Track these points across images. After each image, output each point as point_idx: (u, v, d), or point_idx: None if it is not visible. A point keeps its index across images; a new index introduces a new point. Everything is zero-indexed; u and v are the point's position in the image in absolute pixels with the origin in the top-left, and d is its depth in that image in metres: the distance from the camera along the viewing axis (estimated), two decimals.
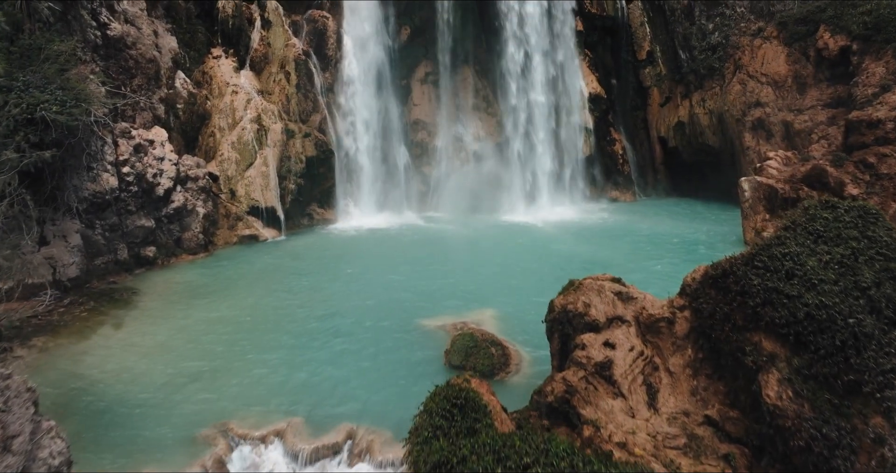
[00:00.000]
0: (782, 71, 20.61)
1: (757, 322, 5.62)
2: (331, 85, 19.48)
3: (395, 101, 20.68)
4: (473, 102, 21.53)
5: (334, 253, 14.70)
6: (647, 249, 14.45)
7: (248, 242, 16.13)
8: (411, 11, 20.89)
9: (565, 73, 21.92)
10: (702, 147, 22.71)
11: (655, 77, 23.86)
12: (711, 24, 22.36)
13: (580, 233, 16.68)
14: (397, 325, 9.87)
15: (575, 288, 7.25)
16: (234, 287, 12.06)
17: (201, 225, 15.00)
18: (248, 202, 16.56)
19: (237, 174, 16.79)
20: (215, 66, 18.44)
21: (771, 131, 20.54)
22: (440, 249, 14.79)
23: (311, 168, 18.10)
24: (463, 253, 14.25)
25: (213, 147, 17.16)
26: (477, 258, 13.72)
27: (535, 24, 21.27)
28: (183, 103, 17.21)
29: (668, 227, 17.55)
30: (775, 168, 15.89)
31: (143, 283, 12.45)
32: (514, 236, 16.23)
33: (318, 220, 18.37)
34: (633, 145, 24.11)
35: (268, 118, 17.64)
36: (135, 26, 16.62)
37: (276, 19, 19.55)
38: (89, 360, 8.67)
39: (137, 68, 16.20)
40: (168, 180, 14.25)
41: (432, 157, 20.92)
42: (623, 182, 23.06)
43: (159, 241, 14.01)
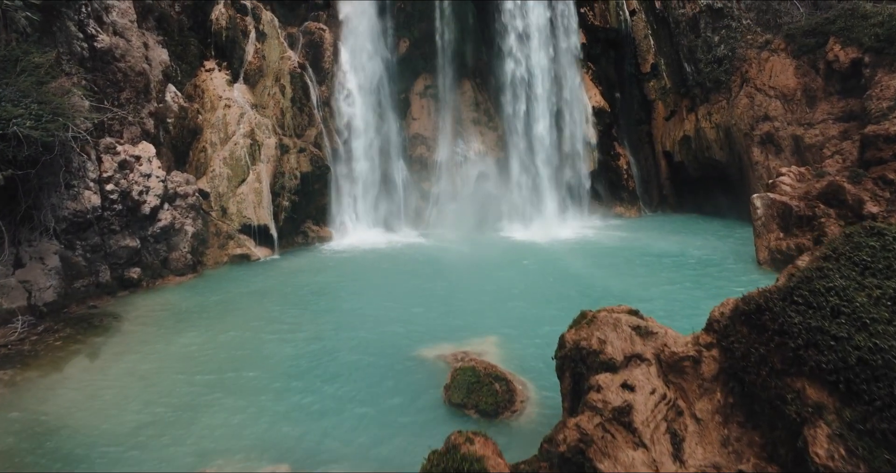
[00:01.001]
0: (791, 84, 20.07)
1: (799, 366, 4.94)
2: (327, 98, 18.92)
3: (393, 115, 20.12)
4: (474, 116, 20.97)
5: (328, 275, 14.00)
6: (657, 270, 13.76)
7: (240, 262, 15.46)
8: (410, 24, 20.40)
9: (568, 87, 21.37)
10: (708, 162, 22.11)
11: (660, 90, 23.32)
12: (717, 36, 21.87)
13: (586, 251, 15.99)
14: (394, 356, 9.16)
15: (588, 321, 6.57)
16: (220, 313, 11.35)
17: (190, 244, 14.33)
18: (239, 220, 15.91)
19: (229, 191, 16.15)
20: (208, 79, 17.89)
21: (780, 146, 19.95)
22: (439, 270, 14.11)
23: (306, 184, 17.48)
24: (463, 274, 13.57)
25: (204, 162, 16.55)
26: (478, 280, 13.03)
27: (537, 37, 20.76)
28: (173, 117, 16.62)
29: (677, 245, 16.88)
30: (789, 184, 15.26)
31: (126, 308, 11.76)
32: (517, 255, 15.55)
33: (313, 238, 17.71)
34: (637, 160, 23.51)
35: (261, 133, 17.05)
36: (124, 38, 16.07)
37: (272, 31, 19.04)
38: (58, 398, 7.95)
39: (126, 81, 15.63)
40: (155, 198, 13.60)
41: (431, 173, 20.31)
42: (628, 197, 22.43)
43: (145, 262, 13.34)
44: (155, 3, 17.63)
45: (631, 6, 22.90)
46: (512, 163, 20.44)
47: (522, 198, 20.23)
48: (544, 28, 20.83)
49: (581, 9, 21.69)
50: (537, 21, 20.71)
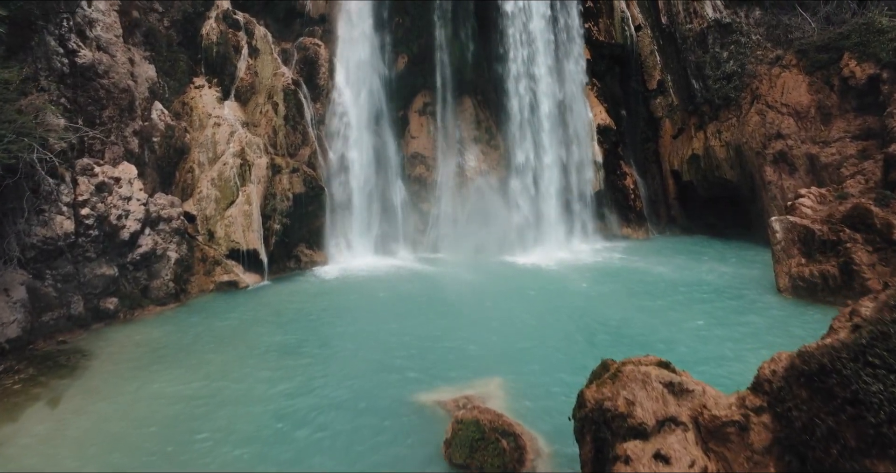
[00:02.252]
0: (804, 101, 19.30)
1: (883, 448, 4.03)
2: (322, 116, 18.13)
3: (391, 134, 19.33)
4: (475, 134, 20.18)
5: (321, 304, 13.08)
6: (674, 301, 12.84)
7: (227, 289, 14.53)
8: (409, 39, 19.69)
9: (572, 104, 20.63)
10: (718, 181, 21.28)
11: (667, 108, 22.58)
12: (726, 52, 21.16)
13: (595, 278, 15.08)
14: (388, 403, 8.21)
15: (611, 375, 5.65)
16: (201, 349, 10.41)
17: (173, 271, 13.42)
18: (227, 244, 15.01)
19: (216, 213, 15.28)
20: (197, 96, 17.10)
21: (794, 165, 19.13)
22: (439, 299, 13.18)
23: (299, 206, 16.61)
24: (465, 304, 12.64)
25: (190, 184, 15.70)
26: (481, 311, 12.11)
27: (541, 51, 20.05)
28: (159, 136, 15.80)
29: (690, 271, 15.98)
30: (809, 206, 14.39)
31: (98, 343, 10.82)
32: (521, 282, 14.63)
33: (306, 263, 16.80)
34: (644, 179, 22.69)
35: (252, 152, 16.23)
36: (108, 54, 15.31)
37: (265, 47, 18.31)
38: (3, 459, 6.99)
39: (109, 99, 14.83)
40: (135, 222, 12.72)
41: (431, 193, 19.45)
42: (635, 218, 21.56)
43: (123, 291, 12.42)
44: (143, 18, 16.91)
45: (636, 21, 22.24)
46: (514, 182, 19.60)
47: (526, 219, 19.35)
48: (548, 43, 20.13)
49: (585, 24, 21.02)
50: (541, 36, 20.02)
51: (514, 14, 19.89)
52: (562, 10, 20.73)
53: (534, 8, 19.94)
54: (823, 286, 13.12)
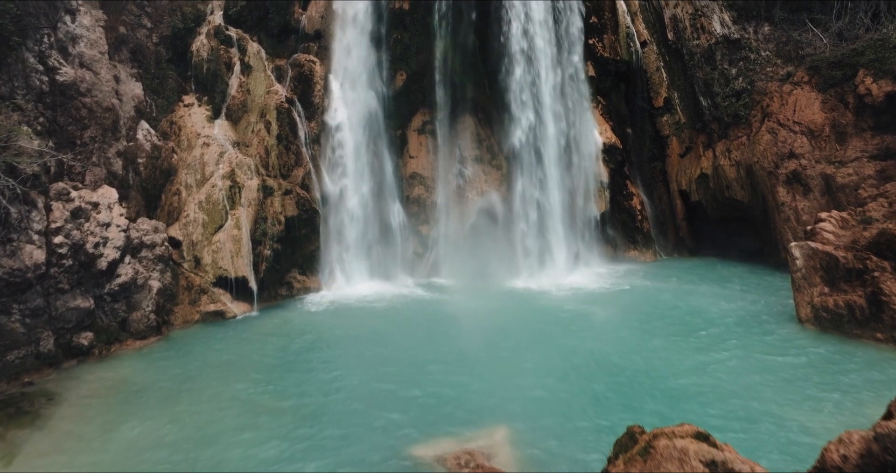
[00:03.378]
0: (818, 119, 18.58)
1: None
2: (317, 135, 17.39)
3: (388, 153, 18.58)
4: (476, 154, 19.43)
5: (312, 338, 12.21)
6: (689, 335, 11.98)
7: (213, 320, 13.68)
8: (407, 56, 19.02)
9: (577, 122, 19.91)
10: (728, 202, 20.50)
11: (674, 125, 21.86)
12: (734, 68, 20.49)
13: (604, 306, 14.23)
14: (382, 459, 7.33)
15: (641, 451, 4.80)
16: (178, 392, 9.54)
17: (154, 302, 12.57)
18: (214, 271, 14.19)
19: (204, 239, 14.47)
20: (186, 115, 16.39)
21: (808, 185, 18.36)
22: (438, 331, 12.31)
23: (292, 230, 15.81)
24: (466, 339, 11.77)
25: (177, 207, 14.91)
26: (484, 347, 11.24)
27: (544, 68, 19.36)
28: (145, 157, 15.05)
29: (704, 298, 15.14)
30: (831, 232, 13.58)
31: (68, 384, 9.95)
32: (527, 312, 13.78)
33: (299, 289, 15.97)
34: (651, 199, 21.92)
35: (243, 173, 15.46)
36: (91, 71, 14.61)
37: (258, 64, 17.63)
38: None
39: (91, 118, 14.10)
40: (114, 250, 11.90)
41: (430, 215, 18.66)
42: (642, 240, 20.75)
43: (99, 325, 11.57)
44: (130, 34, 16.25)
45: (642, 37, 21.61)
46: (517, 203, 18.80)
47: (529, 241, 18.53)
48: (551, 60, 19.45)
49: (590, 40, 20.37)
50: (543, 52, 19.34)
51: (516, 30, 19.24)
52: (565, 25, 20.09)
53: (536, 24, 19.29)
54: (850, 318, 12.28)
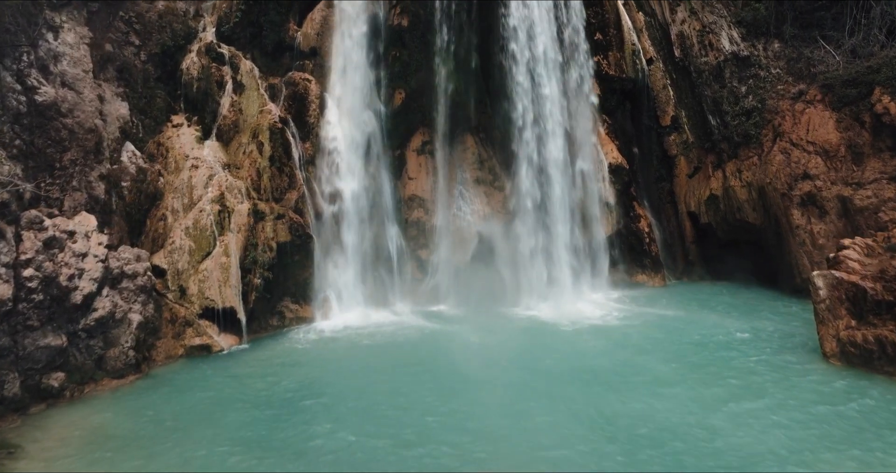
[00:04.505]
0: (832, 139, 17.89)
1: None
2: (311, 157, 16.65)
3: (386, 175, 17.83)
4: (478, 175, 18.69)
5: (303, 378, 11.32)
6: (709, 372, 11.13)
7: (199, 355, 12.82)
8: (407, 74, 18.34)
9: (582, 142, 19.21)
10: (739, 224, 19.73)
11: (682, 145, 21.16)
12: (744, 86, 19.83)
13: (615, 339, 13.40)
14: None
15: None
16: (152, 442, 8.66)
17: (134, 337, 11.72)
18: (201, 302, 13.35)
19: (190, 267, 13.65)
20: (174, 135, 15.67)
21: (824, 208, 17.61)
22: (439, 372, 11.38)
23: (284, 256, 15.01)
24: (468, 377, 10.90)
25: (162, 233, 14.13)
26: (487, 388, 10.37)
27: (547, 87, 18.68)
28: (130, 180, 14.29)
29: (720, 329, 14.32)
30: (856, 260, 12.77)
31: (33, 433, 9.07)
32: (532, 347, 12.90)
33: (292, 319, 15.13)
34: (659, 221, 21.16)
35: (233, 197, 14.69)
36: (74, 90, 13.91)
37: (251, 82, 16.96)
38: None
39: (72, 140, 13.36)
40: (90, 282, 11.08)
41: (430, 239, 17.86)
42: (650, 264, 19.94)
43: (72, 364, 10.71)
44: (117, 52, 15.58)
45: (648, 55, 20.99)
46: (521, 227, 18.02)
47: (533, 266, 17.72)
48: (555, 78, 18.79)
49: (594, 58, 19.74)
50: (547, 69, 18.69)
51: (519, 47, 18.60)
52: (569, 43, 19.47)
53: (539, 41, 18.65)
54: (880, 354, 11.43)
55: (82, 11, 15.24)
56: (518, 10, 18.51)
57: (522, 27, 18.52)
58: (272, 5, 17.72)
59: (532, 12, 18.61)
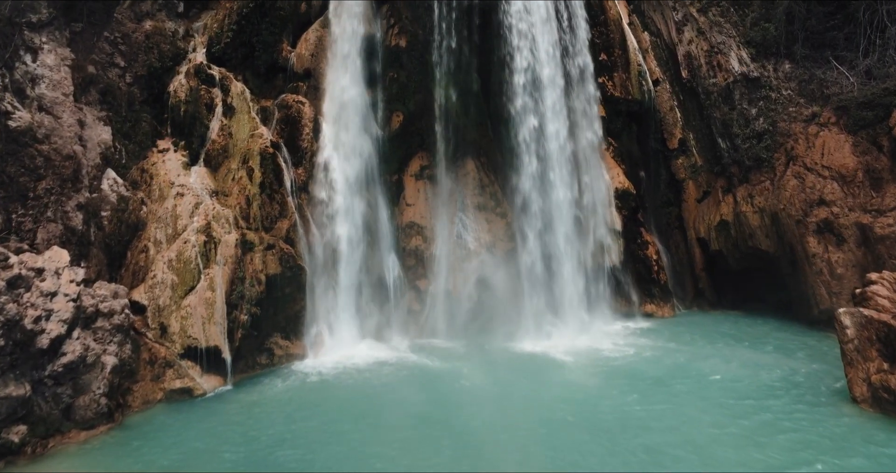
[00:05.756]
0: (849, 163, 17.12)
1: None
2: (304, 183, 15.85)
3: (383, 201, 17.05)
4: (479, 201, 17.88)
5: (290, 426, 10.40)
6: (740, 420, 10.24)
7: (179, 399, 11.90)
8: (405, 96, 17.64)
9: (587, 166, 18.46)
10: (752, 251, 18.88)
11: (690, 168, 20.39)
12: (754, 108, 19.11)
13: (627, 379, 12.50)
14: None
15: None
16: None
17: (107, 382, 10.81)
18: (183, 341, 12.45)
19: (172, 303, 12.78)
20: (159, 161, 14.90)
21: (842, 236, 16.78)
22: (438, 422, 10.45)
23: (274, 289, 14.15)
24: (467, 435, 9.93)
25: (144, 266, 13.27)
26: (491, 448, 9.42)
27: (552, 109, 17.96)
28: (110, 210, 13.48)
29: (737, 365, 13.47)
30: (886, 297, 11.90)
31: None
32: (539, 390, 11.97)
33: (281, 357, 14.23)
34: (667, 248, 20.32)
35: (220, 227, 13.86)
36: (52, 115, 13.15)
37: (242, 105, 16.23)
38: None
39: (48, 168, 12.57)
40: (59, 324, 10.21)
41: (429, 268, 17.01)
42: (659, 293, 19.07)
43: (36, 415, 9.80)
44: (100, 74, 14.86)
45: (654, 75, 20.32)
46: (524, 256, 17.18)
47: (537, 298, 16.85)
48: (559, 99, 18.07)
49: (599, 79, 19.05)
50: (551, 91, 17.97)
51: (521, 67, 17.90)
52: (573, 63, 18.80)
53: (542, 61, 17.97)
54: None
55: (64, 32, 14.55)
56: (520, 29, 17.85)
57: (525, 47, 17.85)
58: (265, 25, 17.05)
59: (535, 31, 17.94)
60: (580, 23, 18.96)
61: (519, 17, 17.96)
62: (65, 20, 14.63)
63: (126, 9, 16.02)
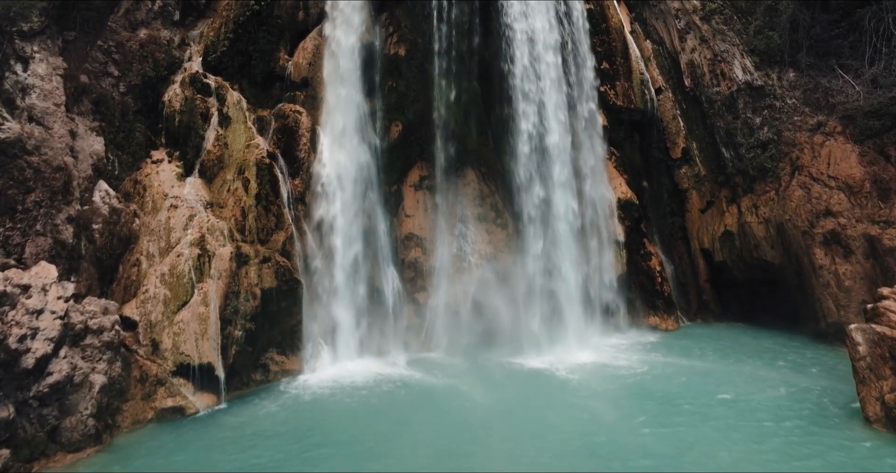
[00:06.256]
0: (856, 173, 16.82)
1: None
2: (301, 194, 15.55)
3: (381, 212, 16.72)
4: (479, 212, 17.57)
5: (283, 450, 10.03)
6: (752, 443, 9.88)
7: (171, 418, 11.53)
8: (403, 105, 17.36)
9: (589, 176, 18.15)
10: (757, 263, 18.56)
11: (693, 178, 20.11)
12: (759, 117, 18.83)
13: (633, 397, 12.15)
14: None
15: None
16: None
17: (95, 402, 10.45)
18: (175, 358, 12.09)
19: (164, 318, 12.43)
20: (153, 172, 14.59)
21: (849, 247, 16.45)
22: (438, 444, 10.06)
23: (269, 303, 13.80)
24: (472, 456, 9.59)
25: (135, 280, 12.94)
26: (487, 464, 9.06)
27: (551, 118, 17.64)
28: (102, 222, 13.15)
29: (744, 381, 13.15)
30: None
31: None
32: (541, 409, 11.59)
33: (277, 372, 13.87)
34: (670, 259, 19.99)
35: (214, 240, 13.53)
36: (42, 125, 12.85)
37: (238, 114, 15.94)
38: None
39: (37, 180, 12.25)
40: (45, 343, 9.87)
41: (428, 281, 16.68)
42: (663, 305, 18.72)
43: (20, 437, 9.43)
44: (93, 83, 14.58)
45: (657, 84, 20.06)
46: (525, 267, 16.84)
47: (539, 310, 16.50)
48: (560, 108, 17.76)
49: (601, 87, 18.77)
50: (552, 100, 17.67)
51: (522, 76, 17.61)
52: (574, 72, 18.52)
53: (543, 68, 17.69)
54: None
55: (57, 41, 14.28)
56: (521, 35, 17.56)
57: (526, 56, 17.57)
58: (262, 34, 16.79)
59: (536, 38, 17.67)
60: (582, 31, 18.68)
61: (519, 24, 17.67)
62: (57, 29, 14.37)
63: (121, 17, 15.75)
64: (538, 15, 17.55)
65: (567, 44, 18.33)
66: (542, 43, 17.74)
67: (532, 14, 17.59)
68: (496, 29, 17.80)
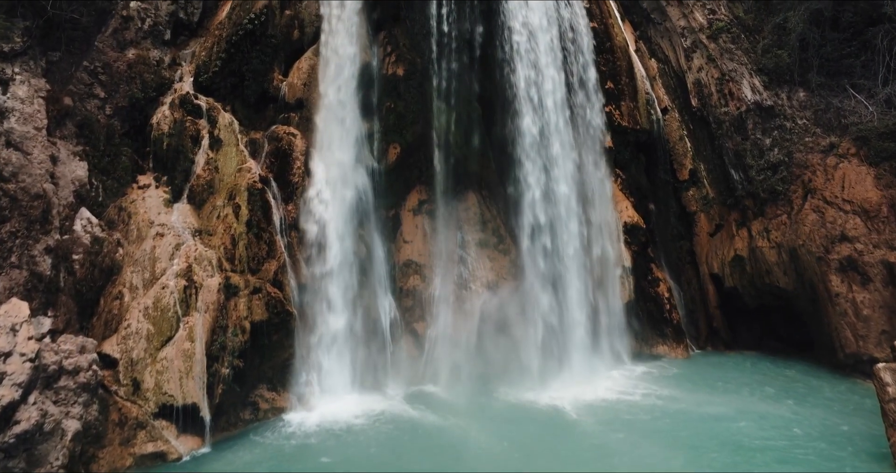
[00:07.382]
0: (872, 197, 16.18)
1: None
2: (294, 220, 14.87)
3: (379, 238, 16.04)
4: (480, 237, 16.89)
5: None
6: None
7: (151, 465, 10.75)
8: (402, 127, 16.75)
9: (595, 199, 17.50)
10: (769, 289, 17.85)
11: (701, 200, 19.48)
12: (769, 138, 18.23)
13: (645, 437, 11.39)
14: None
15: None
16: None
17: (68, 451, 9.68)
18: (158, 398, 11.34)
19: (147, 355, 11.69)
20: (139, 198, 13.93)
21: (867, 274, 15.76)
22: None
23: (260, 337, 13.07)
24: None
25: (117, 314, 12.21)
26: None
27: (556, 138, 17.04)
28: (83, 253, 12.46)
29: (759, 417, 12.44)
30: None
31: None
32: (547, 455, 10.84)
33: (267, 411, 13.08)
34: (679, 284, 19.28)
35: (202, 270, 12.83)
36: (21, 151, 12.20)
37: (229, 137, 15.32)
38: None
39: (14, 208, 11.59)
40: (13, 389, 9.13)
41: (427, 310, 15.95)
42: (672, 333, 17.99)
43: None
44: (78, 105, 13.97)
45: (662, 104, 19.51)
46: (528, 296, 16.11)
47: (543, 341, 15.75)
48: (564, 129, 17.17)
49: (606, 108, 18.18)
50: (556, 120, 17.07)
51: (524, 97, 17.02)
52: (579, 91, 17.96)
53: (547, 87, 17.10)
54: None
55: (40, 62, 13.70)
56: (525, 54, 17.00)
57: (529, 75, 16.99)
58: (256, 53, 16.22)
59: (538, 58, 17.10)
60: (586, 49, 18.14)
61: (522, 42, 17.12)
62: (41, 49, 13.80)
63: (108, 36, 15.18)
64: (540, 38, 17.00)
65: (571, 63, 17.79)
66: (546, 62, 17.18)
67: (535, 33, 17.04)
68: (498, 47, 17.27)
